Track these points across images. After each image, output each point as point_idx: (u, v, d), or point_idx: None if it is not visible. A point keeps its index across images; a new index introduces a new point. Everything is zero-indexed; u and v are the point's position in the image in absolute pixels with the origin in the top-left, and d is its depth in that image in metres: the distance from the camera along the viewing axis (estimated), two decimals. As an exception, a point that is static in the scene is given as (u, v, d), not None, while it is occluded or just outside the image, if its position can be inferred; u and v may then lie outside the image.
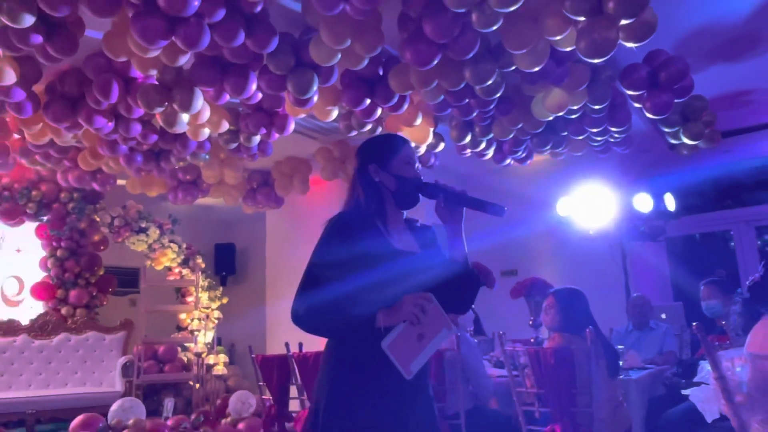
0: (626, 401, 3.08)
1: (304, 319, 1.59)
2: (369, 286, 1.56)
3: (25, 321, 6.01)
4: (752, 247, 6.19)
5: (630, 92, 3.94)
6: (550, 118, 4.21)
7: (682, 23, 3.84)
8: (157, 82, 3.68)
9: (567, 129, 4.57)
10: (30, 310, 6.40)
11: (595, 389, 2.76)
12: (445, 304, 1.63)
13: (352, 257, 1.57)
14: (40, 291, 6.27)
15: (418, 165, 1.76)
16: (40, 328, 5.96)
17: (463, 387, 3.13)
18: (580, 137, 4.63)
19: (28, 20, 2.84)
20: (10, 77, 3.37)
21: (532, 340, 4.11)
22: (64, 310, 6.22)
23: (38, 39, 3.02)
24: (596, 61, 3.20)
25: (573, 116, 4.27)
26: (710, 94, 4.58)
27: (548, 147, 4.77)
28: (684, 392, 2.43)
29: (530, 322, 4.17)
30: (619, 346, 3.35)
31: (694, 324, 2.24)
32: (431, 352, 1.55)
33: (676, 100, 3.94)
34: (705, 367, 2.26)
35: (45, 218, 6.31)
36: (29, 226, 6.39)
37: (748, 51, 4.25)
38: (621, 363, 3.11)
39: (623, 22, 2.96)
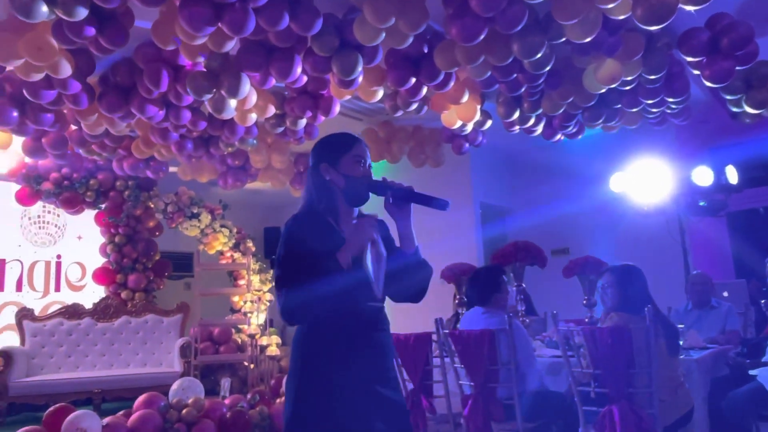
0: (687, 381, 2.99)
1: (296, 313, 1.66)
2: (328, 280, 1.64)
3: (88, 305, 6.30)
4: (823, 220, 5.85)
5: (689, 59, 3.76)
6: (603, 91, 4.07)
7: (746, -16, 3.62)
8: (204, 69, 3.75)
9: (620, 101, 4.41)
10: (92, 294, 6.72)
11: (654, 369, 2.69)
12: (399, 294, 1.82)
13: (309, 254, 1.65)
14: (101, 276, 6.57)
15: (368, 163, 1.81)
16: (102, 311, 6.24)
17: (515, 368, 3.11)
18: (635, 109, 4.47)
19: (82, 13, 2.93)
20: (66, 70, 3.49)
21: (586, 320, 4.03)
22: (123, 294, 6.50)
23: (91, 31, 3.12)
24: (653, 28, 3.07)
25: (627, 87, 4.11)
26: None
27: (600, 120, 4.62)
28: (752, 372, 2.34)
29: (584, 302, 4.09)
30: (680, 325, 3.25)
31: (762, 301, 2.14)
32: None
33: (738, 68, 3.74)
34: (774, 347, 2.17)
35: (103, 206, 6.58)
36: (89, 214, 6.67)
37: (820, 10, 3.98)
38: (681, 342, 3.02)
39: (682, -16, 2.82)
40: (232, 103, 4.01)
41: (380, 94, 4.22)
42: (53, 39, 3.23)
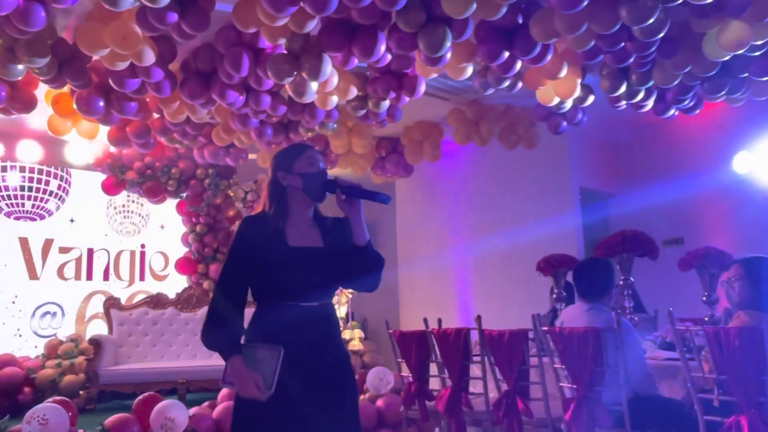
0: (832, 392, 2.76)
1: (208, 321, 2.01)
2: (267, 282, 1.96)
3: (171, 295, 6.70)
4: None
5: (834, 18, 3.43)
6: (727, 58, 3.80)
7: None
8: (285, 52, 3.85)
9: (748, 69, 4.09)
10: (175, 284, 7.13)
11: (791, 377, 2.51)
12: (354, 285, 2.15)
13: (249, 259, 1.96)
14: (183, 266, 6.96)
15: (321, 166, 2.08)
16: (185, 301, 6.61)
17: (624, 371, 3.00)
18: (766, 78, 4.14)
19: (165, -1, 3.08)
20: (150, 57, 3.69)
21: (705, 319, 3.81)
22: (205, 284, 6.85)
23: (174, 17, 3.28)
24: (791, -18, 2.82)
25: (757, 53, 3.81)
26: None
27: (723, 93, 4.32)
28: None
29: (703, 298, 3.86)
30: (822, 327, 3.00)
31: None
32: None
33: None
34: None
35: (184, 195, 6.94)
36: (170, 203, 7.07)
37: None
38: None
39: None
40: (314, 86, 4.10)
41: (469, 71, 4.16)
42: (137, 27, 3.42)
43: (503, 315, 4.95)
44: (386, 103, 4.61)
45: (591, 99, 4.77)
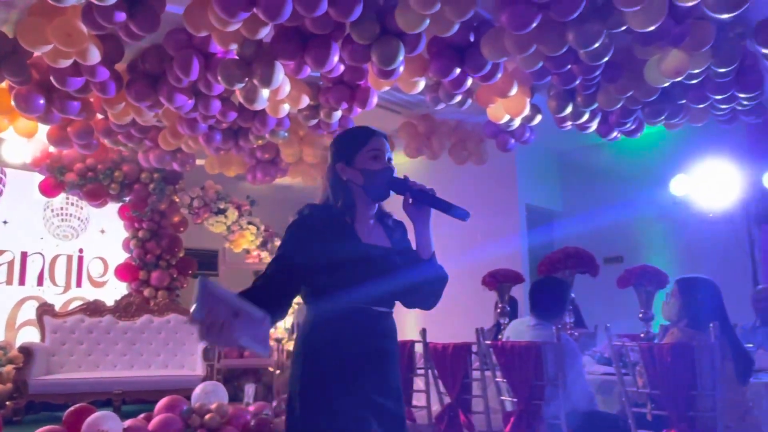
0: (757, 407, 2.89)
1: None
2: (339, 281, 1.72)
3: (110, 302, 6.47)
4: None
5: (765, 51, 3.65)
6: (666, 84, 3.98)
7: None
8: (237, 57, 3.81)
9: (686, 96, 4.30)
10: (114, 291, 6.90)
11: (719, 392, 2.62)
12: (411, 301, 1.86)
13: (314, 257, 1.72)
14: (123, 272, 6.74)
15: (388, 157, 1.83)
16: (124, 309, 6.40)
17: (563, 386, 3.07)
18: (702, 105, 4.35)
19: (113, -3, 3.01)
20: (95, 56, 3.59)
21: (642, 335, 3.94)
22: (146, 292, 6.65)
23: (122, 16, 3.21)
24: (725, 16, 2.98)
25: (693, 81, 4.01)
26: None
27: (663, 117, 4.52)
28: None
29: (640, 315, 4.00)
30: (749, 345, 3.15)
31: None
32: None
33: (822, 60, 3.62)
34: None
35: (127, 199, 6.74)
36: (112, 207, 6.85)
37: None
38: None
39: (760, -32, 2.74)
40: (265, 93, 4.07)
41: (421, 85, 4.22)
42: (83, 24, 3.33)
43: (448, 328, 4.98)
44: (338, 114, 4.61)
45: (539, 118, 4.91)
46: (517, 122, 4.87)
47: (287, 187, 7.67)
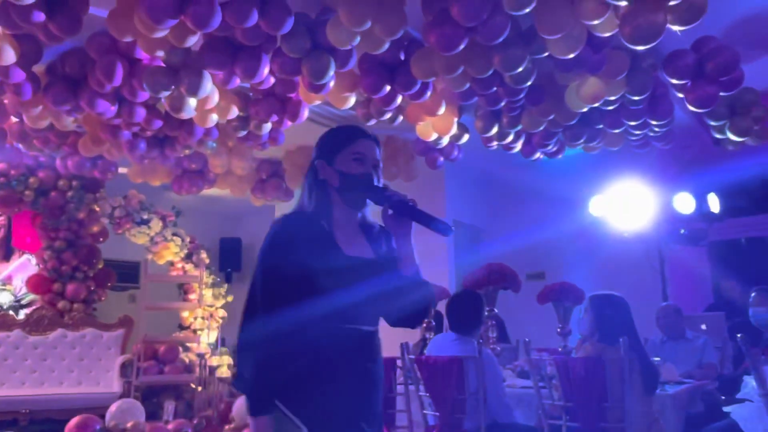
0: (662, 418, 3.06)
1: (258, 348, 1.54)
2: (319, 297, 1.56)
3: (19, 315, 6.12)
4: (804, 254, 6.08)
5: (674, 81, 3.90)
6: (585, 110, 4.18)
7: (734, 8, 3.79)
8: (163, 65, 3.72)
9: (603, 121, 4.53)
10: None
11: (628, 404, 2.75)
12: (395, 318, 1.71)
13: (298, 272, 1.56)
14: (35, 284, 6.39)
15: (372, 163, 1.70)
16: (35, 323, 6.06)
17: (484, 399, 3.14)
18: (617, 130, 4.59)
19: (31, -4, 2.89)
20: (10, 57, 3.43)
21: (560, 350, 4.09)
22: (60, 305, 6.33)
23: (40, 16, 3.07)
24: (640, 48, 3.17)
25: (610, 107, 4.23)
26: (761, 86, 4.51)
27: (582, 140, 4.74)
28: (726, 409, 2.42)
29: (558, 330, 4.16)
30: (656, 358, 3.33)
31: (739, 335, 2.22)
32: None
33: (723, 93, 3.89)
34: (749, 383, 2.24)
35: (42, 207, 6.41)
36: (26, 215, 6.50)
37: (805, 39, 4.19)
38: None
39: (670, 3, 2.93)
40: (192, 102, 3.99)
41: (352, 100, 4.25)
42: (-3, 22, 3.17)
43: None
44: (268, 126, 4.57)
45: (466, 137, 5.04)
46: (445, 140, 4.98)
47: (215, 199, 7.53)
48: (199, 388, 6.20)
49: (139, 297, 7.17)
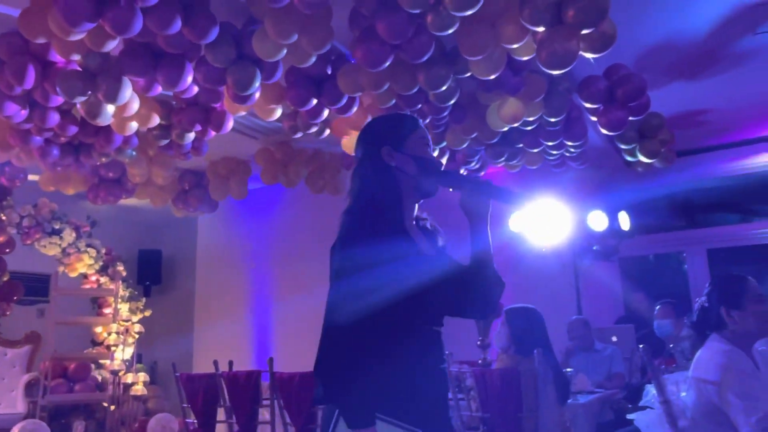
0: (574, 426, 3.18)
1: (346, 358, 1.42)
2: (404, 296, 1.46)
3: None
4: (704, 269, 6.51)
5: (587, 105, 4.11)
6: (505, 129, 4.33)
7: (642, 38, 4.04)
8: (79, 69, 3.58)
9: (522, 141, 4.71)
10: None
11: (541, 414, 2.85)
12: (471, 311, 1.67)
13: (382, 264, 1.44)
14: (-69, 297, 5.94)
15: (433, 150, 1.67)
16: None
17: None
18: (536, 150, 4.79)
19: (-68, -9, 2.72)
20: None
21: (479, 362, 4.19)
22: (-41, 320, 5.91)
23: (-57, 13, 2.90)
24: (556, 72, 3.33)
25: (529, 128, 4.41)
26: (668, 112, 4.83)
27: (503, 159, 4.90)
28: (629, 416, 2.55)
29: (478, 343, 4.25)
30: (568, 369, 3.47)
31: (640, 346, 2.35)
32: None
33: (632, 118, 4.14)
34: (651, 391, 2.38)
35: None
36: None
37: (705, 70, 4.52)
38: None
39: (583, 31, 3.10)
40: (110, 108, 3.85)
41: (278, 113, 4.23)
42: None
43: (300, 358, 4.95)
44: (191, 136, 4.47)
45: (392, 152, 5.11)
46: (371, 155, 5.03)
47: (133, 209, 7.26)
48: (112, 407, 5.93)
49: (48, 311, 6.77)
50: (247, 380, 3.69)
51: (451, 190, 1.64)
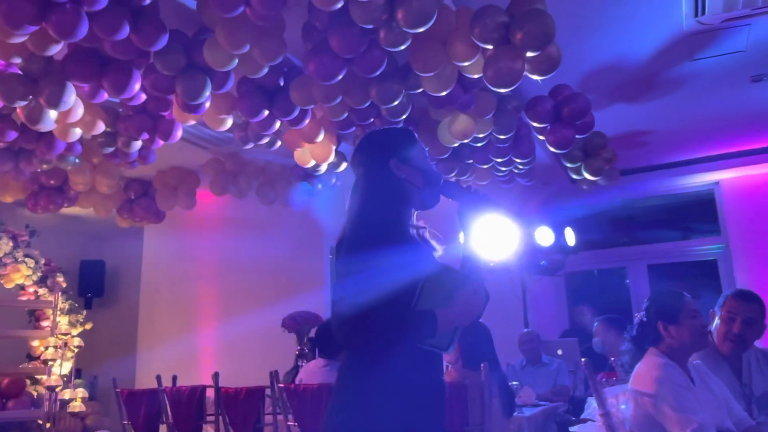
0: (518, 439, 3.23)
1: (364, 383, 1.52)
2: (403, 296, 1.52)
3: None
4: (645, 284, 6.74)
5: (534, 124, 4.22)
6: (456, 145, 4.40)
7: (587, 61, 4.18)
8: (20, 72, 3.46)
9: (472, 157, 4.79)
10: None
11: (487, 426, 2.88)
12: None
13: (391, 269, 1.50)
14: None
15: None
16: None
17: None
18: (485, 166, 4.88)
19: None
20: None
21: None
22: None
23: None
24: (502, 90, 3.41)
25: (479, 144, 4.49)
26: (611, 132, 5.01)
27: (453, 174, 4.97)
28: (571, 429, 2.60)
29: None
30: (514, 382, 3.53)
31: (582, 360, 2.41)
32: None
33: (577, 136, 4.27)
34: (592, 404, 2.44)
35: None
36: None
37: (647, 93, 4.71)
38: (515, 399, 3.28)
39: (529, 54, 3.18)
40: (52, 114, 3.73)
41: (229, 123, 4.18)
42: None
43: (246, 372, 4.87)
44: (138, 144, 4.37)
45: (344, 165, 5.11)
46: (323, 168, 5.02)
47: (75, 218, 7.02)
48: (48, 425, 5.68)
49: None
50: (191, 395, 3.60)
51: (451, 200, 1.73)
